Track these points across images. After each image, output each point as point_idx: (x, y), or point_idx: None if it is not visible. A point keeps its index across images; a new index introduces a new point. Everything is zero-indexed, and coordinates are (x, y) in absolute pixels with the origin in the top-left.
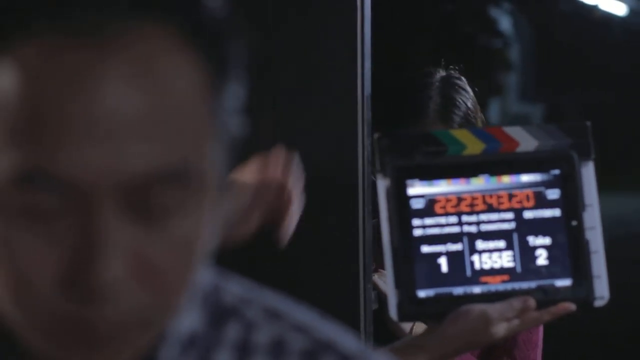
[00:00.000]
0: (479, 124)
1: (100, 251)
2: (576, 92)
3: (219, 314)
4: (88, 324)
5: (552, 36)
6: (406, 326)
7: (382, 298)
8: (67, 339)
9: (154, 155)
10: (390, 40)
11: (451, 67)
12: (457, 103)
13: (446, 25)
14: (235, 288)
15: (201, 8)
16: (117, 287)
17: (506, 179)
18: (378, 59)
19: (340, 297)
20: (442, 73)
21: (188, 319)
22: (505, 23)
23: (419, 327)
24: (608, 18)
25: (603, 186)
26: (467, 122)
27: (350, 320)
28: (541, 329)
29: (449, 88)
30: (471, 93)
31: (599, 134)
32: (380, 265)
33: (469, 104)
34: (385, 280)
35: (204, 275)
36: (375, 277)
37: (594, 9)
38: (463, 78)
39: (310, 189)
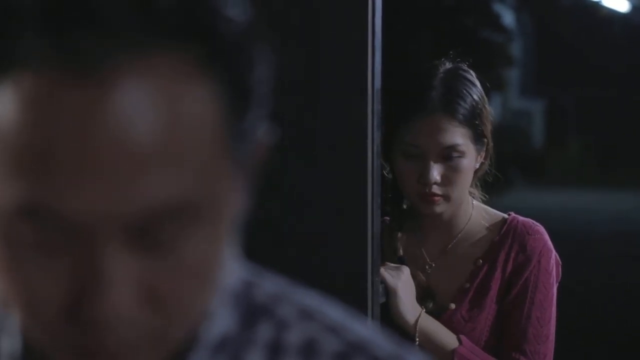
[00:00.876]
0: (486, 117)
1: (103, 286)
2: (577, 89)
3: (251, 313)
4: (93, 348)
5: (553, 32)
6: (412, 319)
7: (389, 292)
8: (74, 358)
9: (159, 190)
10: (391, 34)
11: (459, 60)
12: (462, 94)
13: (447, 19)
14: (268, 285)
15: (221, 31)
16: (120, 320)
17: None
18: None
19: (348, 290)
20: (448, 65)
21: (219, 321)
22: (507, 18)
23: (425, 320)
24: (610, 14)
25: (605, 182)
26: (472, 114)
27: (358, 313)
28: (553, 322)
29: (454, 79)
30: (479, 86)
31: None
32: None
33: (475, 97)
34: (393, 274)
35: (236, 273)
36: (383, 271)
37: (596, 5)
38: (472, 71)
39: (319, 182)
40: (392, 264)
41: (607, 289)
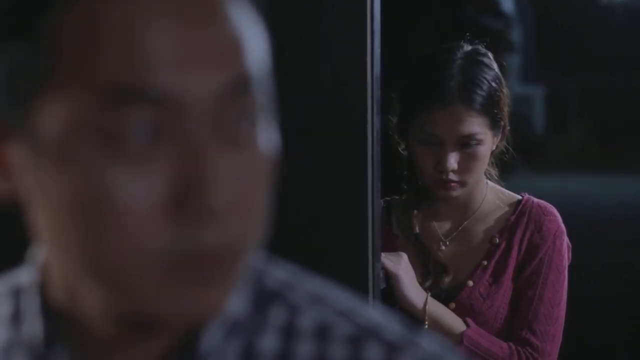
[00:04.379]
0: (504, 102)
1: (207, 173)
2: (578, 74)
3: (263, 298)
4: (200, 248)
5: (554, 18)
6: (420, 303)
7: (390, 277)
8: (178, 275)
9: (229, 69)
10: (390, 20)
11: (477, 41)
12: (478, 82)
13: (447, 5)
14: (279, 272)
15: None
16: (226, 210)
17: None
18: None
19: (348, 276)
20: (466, 48)
21: (232, 304)
22: (507, 4)
23: (432, 304)
24: (610, 1)
25: (606, 168)
26: (490, 102)
27: (358, 299)
28: (563, 305)
29: (471, 66)
30: (496, 70)
31: (601, 115)
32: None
33: (493, 83)
34: (393, 260)
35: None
36: (384, 257)
37: None
38: (489, 53)
39: (319, 168)
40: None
41: (610, 273)
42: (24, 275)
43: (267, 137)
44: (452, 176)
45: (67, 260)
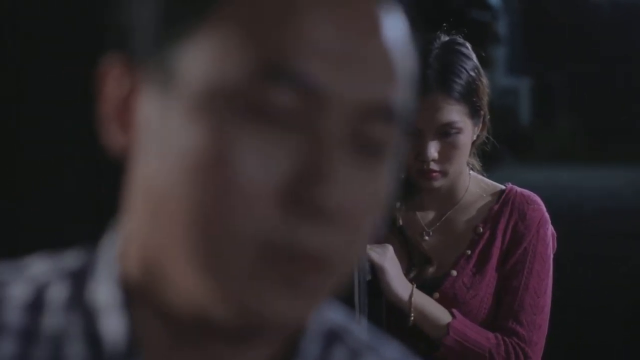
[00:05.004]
0: (483, 91)
1: (329, 172)
2: (564, 66)
3: (328, 336)
4: (302, 246)
5: (541, 10)
6: (405, 294)
7: (378, 270)
8: (273, 269)
9: (382, 90)
10: None
11: (453, 32)
12: (456, 70)
13: None
14: (334, 315)
15: None
16: (337, 215)
17: None
18: None
19: None
20: (443, 39)
21: (324, 315)
22: None
23: (418, 296)
24: None
25: (593, 160)
26: (469, 90)
27: (344, 291)
28: (549, 293)
29: (449, 54)
30: (474, 59)
31: (588, 107)
32: None
33: (471, 72)
34: (379, 252)
35: None
36: (369, 249)
37: None
38: (467, 44)
39: None
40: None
41: (597, 264)
42: (72, 260)
43: (387, 176)
44: (433, 166)
45: (162, 231)
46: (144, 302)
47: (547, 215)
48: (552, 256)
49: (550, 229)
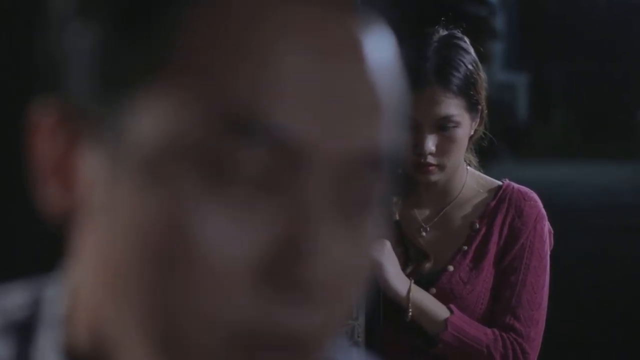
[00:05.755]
0: (481, 85)
1: (314, 246)
2: (561, 62)
3: None
4: (285, 330)
5: (538, 5)
6: (403, 290)
7: (375, 266)
8: (250, 358)
9: (369, 134)
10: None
11: (452, 26)
12: (455, 64)
13: None
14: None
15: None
16: (321, 291)
17: None
18: None
19: None
20: (442, 32)
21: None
22: None
23: (416, 291)
24: None
25: (589, 156)
26: (467, 84)
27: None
28: (546, 289)
29: (448, 48)
30: (473, 54)
31: (584, 103)
32: None
33: (470, 66)
34: (377, 248)
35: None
36: None
37: None
38: (466, 38)
39: None
40: None
41: (594, 260)
42: (16, 306)
43: (375, 225)
44: (430, 159)
45: (115, 306)
46: None
47: (543, 211)
48: (549, 252)
49: (547, 225)
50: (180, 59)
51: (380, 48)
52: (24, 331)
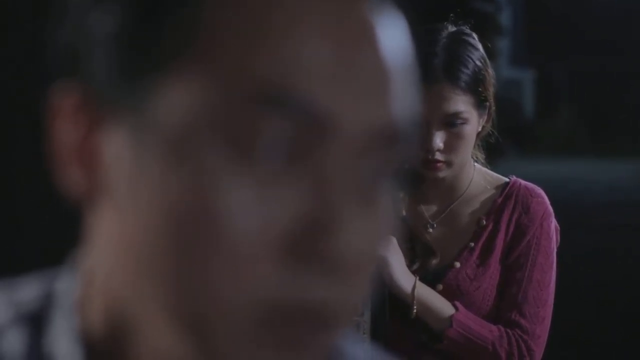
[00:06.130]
0: (489, 81)
1: (340, 220)
2: (568, 59)
3: None
4: (307, 304)
5: (544, 1)
6: (408, 286)
7: (381, 262)
8: (272, 332)
9: (387, 109)
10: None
11: (461, 22)
12: (464, 60)
13: None
14: (358, 352)
15: None
16: (345, 265)
17: None
18: None
19: None
20: (451, 29)
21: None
22: None
23: (421, 288)
24: None
25: (599, 153)
26: (475, 81)
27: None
28: (552, 286)
29: (457, 45)
30: (481, 50)
31: (590, 99)
32: None
33: (478, 62)
34: (385, 242)
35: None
36: None
37: None
38: (474, 35)
39: None
40: None
41: (601, 257)
42: (28, 298)
43: (390, 199)
44: (438, 156)
45: (139, 286)
46: (107, 354)
47: (550, 208)
48: (555, 250)
49: (554, 222)
50: (204, 38)
51: (393, 30)
52: (38, 321)
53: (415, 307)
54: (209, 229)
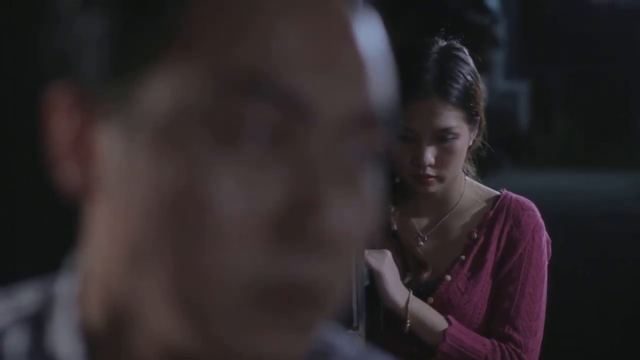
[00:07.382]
0: (480, 96)
1: (324, 198)
2: (563, 71)
3: (314, 353)
4: (295, 280)
5: (540, 13)
6: (401, 300)
7: (375, 275)
8: (263, 309)
9: (364, 95)
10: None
11: (451, 37)
12: (454, 75)
13: (432, 0)
14: (320, 333)
15: None
16: (331, 242)
17: None
18: None
19: None
20: (441, 43)
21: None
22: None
23: (414, 302)
24: None
25: (592, 164)
26: (466, 95)
27: (342, 296)
28: (544, 299)
29: (447, 59)
30: (471, 64)
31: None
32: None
33: (469, 77)
34: (377, 257)
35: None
36: (367, 254)
37: None
38: (464, 49)
39: None
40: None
41: (596, 269)
42: (28, 301)
43: (374, 181)
44: (429, 171)
45: (135, 275)
46: (108, 353)
47: (541, 221)
48: (547, 263)
49: (545, 236)
50: (188, 32)
51: (367, 22)
52: (38, 321)
53: (408, 321)
54: (199, 214)
